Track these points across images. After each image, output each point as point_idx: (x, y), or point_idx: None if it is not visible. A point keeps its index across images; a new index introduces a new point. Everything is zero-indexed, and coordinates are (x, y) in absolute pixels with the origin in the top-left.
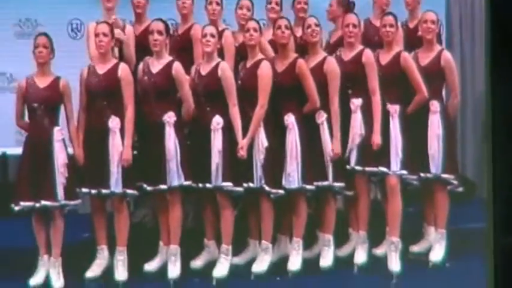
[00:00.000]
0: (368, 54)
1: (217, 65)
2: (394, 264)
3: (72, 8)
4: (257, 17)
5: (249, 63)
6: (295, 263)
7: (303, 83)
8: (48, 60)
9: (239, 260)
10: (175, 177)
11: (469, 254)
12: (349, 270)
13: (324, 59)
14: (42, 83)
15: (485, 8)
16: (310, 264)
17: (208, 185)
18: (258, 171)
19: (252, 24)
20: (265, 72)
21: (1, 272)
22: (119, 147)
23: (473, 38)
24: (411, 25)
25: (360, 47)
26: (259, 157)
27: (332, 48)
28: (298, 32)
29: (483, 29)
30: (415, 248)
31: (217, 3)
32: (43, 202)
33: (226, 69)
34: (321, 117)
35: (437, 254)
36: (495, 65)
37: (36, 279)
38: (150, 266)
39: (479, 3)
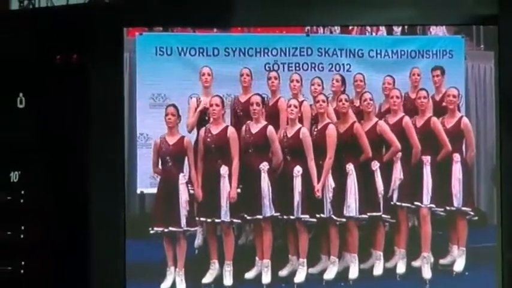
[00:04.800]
0: (406, 120)
1: (299, 129)
2: (427, 273)
3: (189, 87)
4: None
5: (319, 126)
6: (354, 273)
7: (359, 140)
8: (175, 124)
9: (313, 270)
10: (268, 210)
11: (483, 266)
12: (393, 278)
13: (376, 123)
14: (171, 140)
15: (494, 83)
16: (365, 273)
17: (291, 217)
18: (327, 205)
19: (321, 97)
20: (331, 132)
21: (138, 280)
22: (227, 188)
23: (485, 105)
24: (437, 98)
25: (401, 114)
26: (328, 195)
27: (381, 115)
28: (357, 103)
29: (493, 98)
30: (443, 261)
31: (297, 81)
32: (171, 228)
33: (305, 133)
34: (375, 166)
35: (459, 266)
36: (501, 124)
37: (165, 284)
38: (249, 275)
39: (489, 79)
